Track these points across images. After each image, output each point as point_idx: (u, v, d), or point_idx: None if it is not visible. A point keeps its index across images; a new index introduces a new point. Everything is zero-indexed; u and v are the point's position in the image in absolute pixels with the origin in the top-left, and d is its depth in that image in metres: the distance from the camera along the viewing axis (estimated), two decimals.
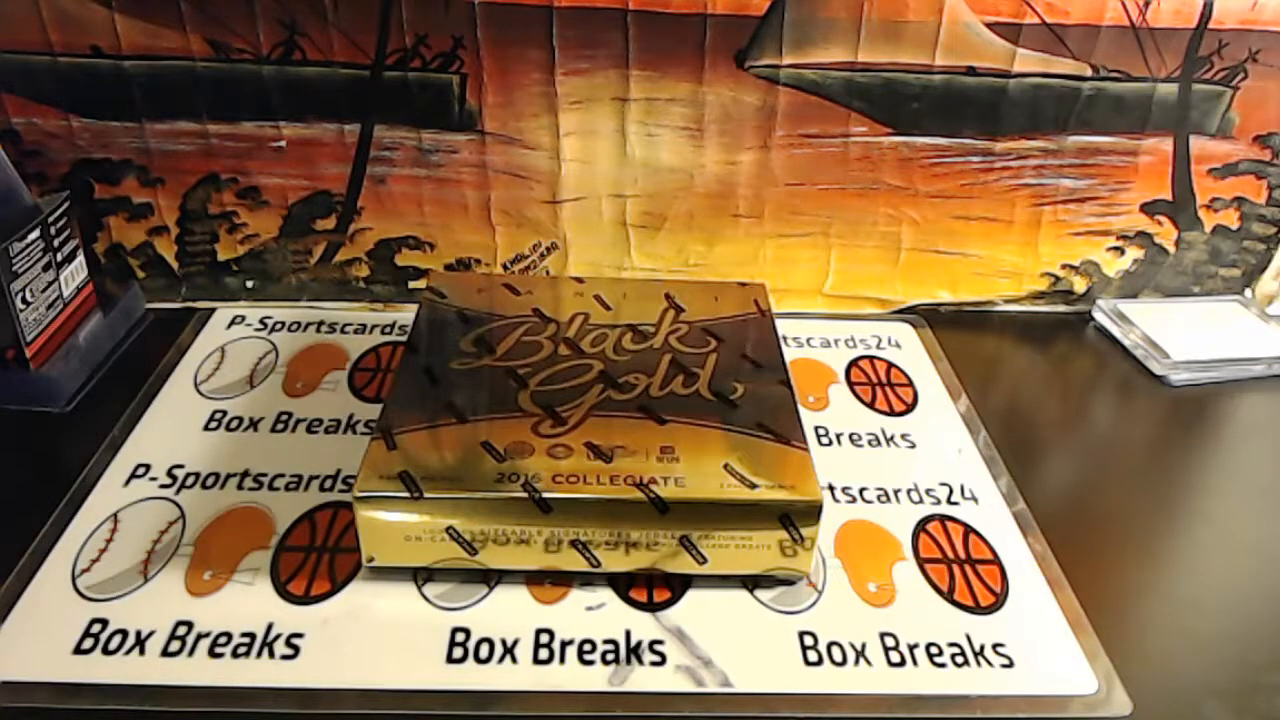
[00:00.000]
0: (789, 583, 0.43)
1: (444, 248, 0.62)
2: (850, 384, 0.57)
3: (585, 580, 0.42)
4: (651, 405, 0.44)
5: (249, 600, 0.40)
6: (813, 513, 0.40)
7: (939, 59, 0.57)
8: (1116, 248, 0.65)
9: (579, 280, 0.56)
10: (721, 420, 0.44)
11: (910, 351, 0.61)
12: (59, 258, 0.53)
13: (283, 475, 0.47)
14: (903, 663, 0.39)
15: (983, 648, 0.40)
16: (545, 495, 0.39)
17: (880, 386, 0.57)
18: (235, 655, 0.38)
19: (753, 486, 0.40)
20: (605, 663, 0.39)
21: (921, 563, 0.44)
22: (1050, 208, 0.63)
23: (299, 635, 0.39)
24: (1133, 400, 0.59)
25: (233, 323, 0.60)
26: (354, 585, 0.41)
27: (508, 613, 0.40)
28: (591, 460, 0.41)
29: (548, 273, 0.63)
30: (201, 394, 0.53)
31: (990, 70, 0.58)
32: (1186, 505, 0.51)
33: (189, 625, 0.39)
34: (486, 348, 0.48)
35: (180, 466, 0.47)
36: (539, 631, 0.40)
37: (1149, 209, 0.64)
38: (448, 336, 0.49)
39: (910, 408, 0.55)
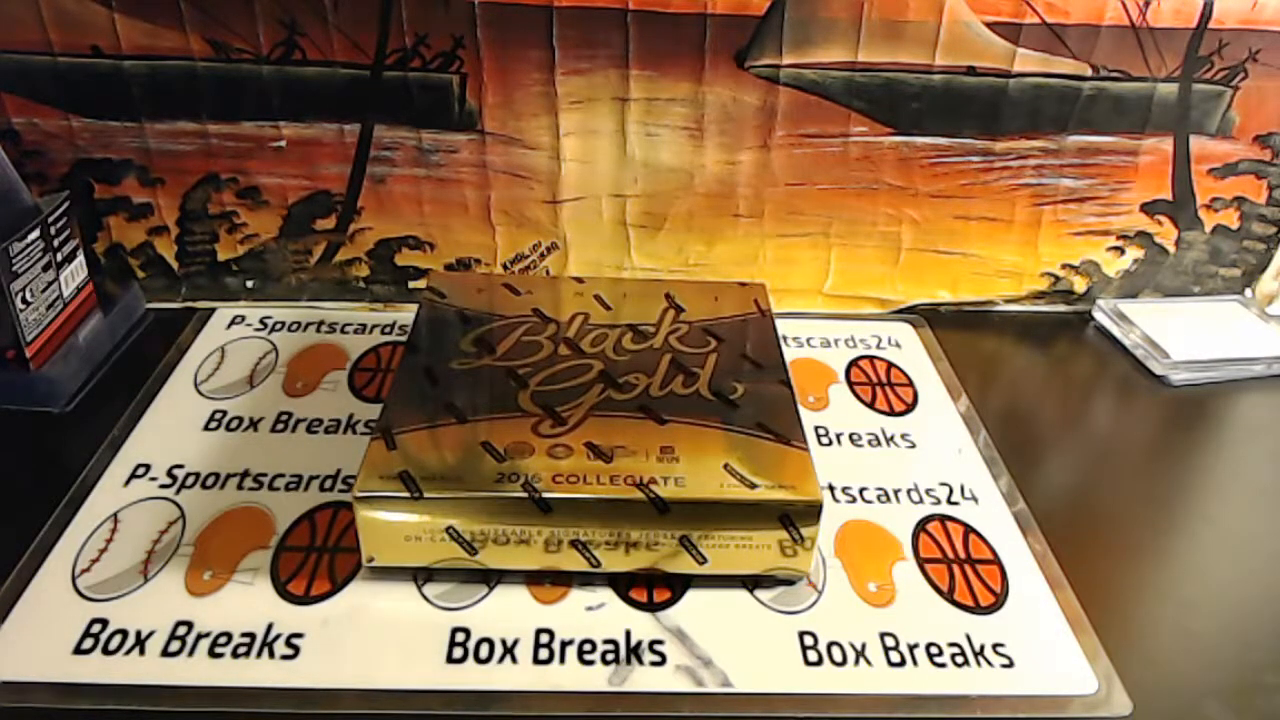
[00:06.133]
0: (789, 583, 0.43)
1: (444, 248, 0.62)
2: (850, 384, 0.57)
3: (585, 580, 0.42)
4: (651, 405, 0.44)
5: (249, 600, 0.40)
6: (813, 513, 0.40)
7: (939, 59, 0.57)
8: (1116, 248, 0.65)
9: (579, 280, 0.56)
10: (721, 420, 0.44)
11: (910, 351, 0.61)
12: (59, 258, 0.53)
13: (283, 475, 0.47)
14: (903, 663, 0.39)
15: (983, 648, 0.40)
16: (545, 495, 0.39)
17: (880, 386, 0.57)
18: (235, 655, 0.38)
19: (753, 486, 0.40)
20: (605, 663, 0.38)
21: (921, 563, 0.44)
22: (1050, 207, 0.63)
23: (299, 635, 0.39)
24: (1133, 400, 0.59)
25: (233, 323, 0.60)
26: (354, 585, 0.41)
27: (508, 613, 0.40)
28: (591, 460, 0.41)
29: (548, 273, 0.63)
30: (201, 394, 0.53)
31: (990, 70, 0.58)
32: (1186, 505, 0.51)
33: (189, 625, 0.39)
34: (486, 348, 0.48)
35: (180, 466, 0.47)
36: (539, 631, 0.40)
37: (1149, 209, 0.64)
38: (448, 336, 0.49)
39: (910, 408, 0.55)
